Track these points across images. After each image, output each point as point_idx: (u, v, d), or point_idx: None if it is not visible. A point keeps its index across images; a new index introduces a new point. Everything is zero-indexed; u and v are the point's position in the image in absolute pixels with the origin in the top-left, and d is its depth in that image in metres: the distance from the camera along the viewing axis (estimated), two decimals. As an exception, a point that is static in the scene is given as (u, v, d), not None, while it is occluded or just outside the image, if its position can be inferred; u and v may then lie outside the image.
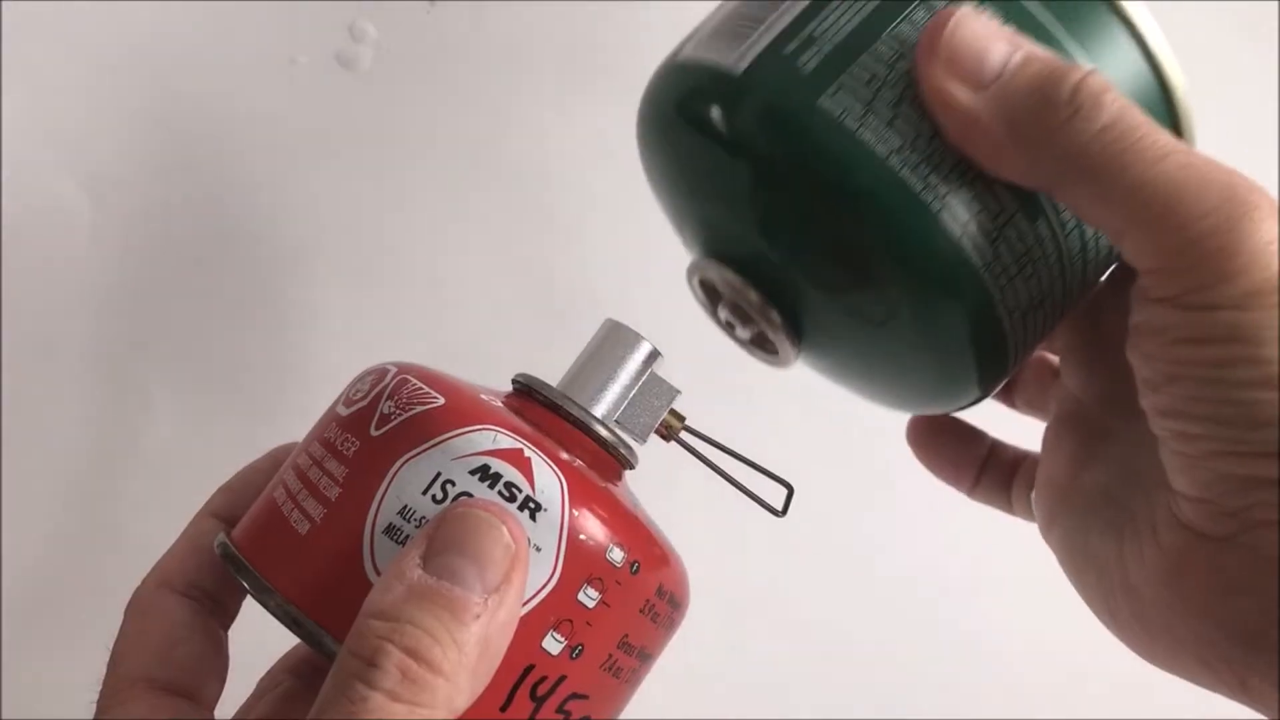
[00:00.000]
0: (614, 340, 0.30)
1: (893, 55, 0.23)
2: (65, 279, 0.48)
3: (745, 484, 0.32)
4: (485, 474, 0.25)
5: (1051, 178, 0.23)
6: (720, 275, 0.27)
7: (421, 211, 0.52)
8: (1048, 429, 0.31)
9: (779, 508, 0.32)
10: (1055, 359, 0.33)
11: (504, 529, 0.24)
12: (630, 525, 0.27)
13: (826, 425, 0.52)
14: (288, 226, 0.50)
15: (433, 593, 0.23)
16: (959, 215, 0.23)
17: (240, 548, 0.27)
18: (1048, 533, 0.30)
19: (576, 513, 0.25)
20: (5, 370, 0.47)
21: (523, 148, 0.52)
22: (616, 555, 0.26)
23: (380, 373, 0.28)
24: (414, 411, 0.26)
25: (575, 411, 0.29)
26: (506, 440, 0.25)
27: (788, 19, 0.24)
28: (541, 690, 0.25)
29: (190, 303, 0.50)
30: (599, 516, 0.26)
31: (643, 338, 0.31)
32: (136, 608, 0.29)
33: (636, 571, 0.26)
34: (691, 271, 0.28)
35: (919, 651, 0.54)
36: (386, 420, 0.26)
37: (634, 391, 0.30)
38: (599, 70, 0.53)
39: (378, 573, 0.24)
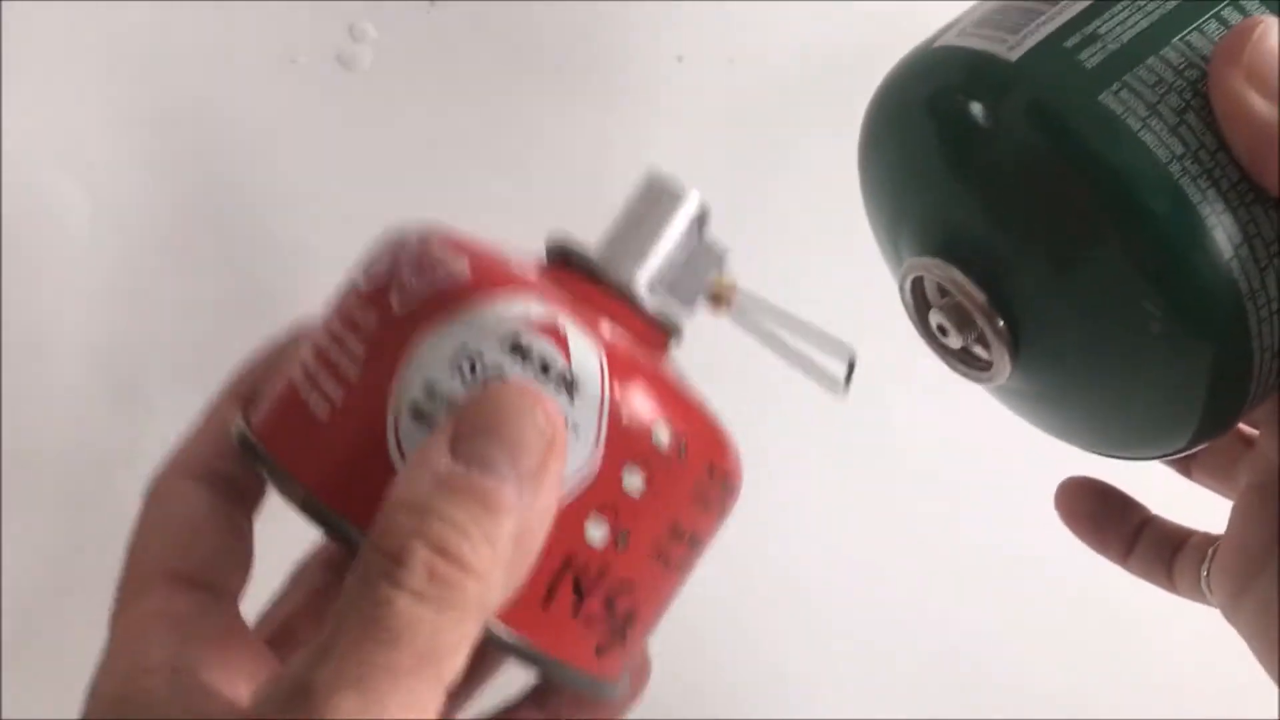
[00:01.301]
0: (656, 196, 0.27)
1: (1181, 62, 0.23)
2: (64, 278, 0.48)
3: (806, 356, 0.29)
4: (516, 347, 0.23)
5: None
6: (946, 274, 0.25)
7: (422, 211, 0.52)
8: (1241, 498, 0.29)
9: (841, 384, 0.29)
10: (1249, 430, 0.31)
11: (539, 411, 0.22)
12: (677, 402, 0.24)
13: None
14: (287, 226, 0.50)
15: (463, 483, 0.21)
16: (1233, 235, 0.22)
17: (258, 434, 0.25)
18: (1235, 607, 0.28)
19: (618, 389, 0.23)
20: (5, 370, 0.47)
21: (523, 148, 0.52)
22: (663, 435, 0.23)
23: (400, 242, 0.26)
24: (437, 280, 0.24)
25: (617, 278, 0.26)
26: (539, 310, 0.23)
27: (1069, 15, 0.24)
28: (585, 582, 0.23)
29: (190, 302, 0.50)
30: (643, 393, 0.23)
31: (689, 191, 0.27)
32: (155, 497, 0.27)
33: (684, 453, 0.24)
34: (908, 271, 0.27)
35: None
36: (408, 290, 0.24)
37: (681, 255, 0.27)
38: (599, 70, 0.53)
39: (403, 457, 0.23)
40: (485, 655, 0.29)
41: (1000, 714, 0.51)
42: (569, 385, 0.23)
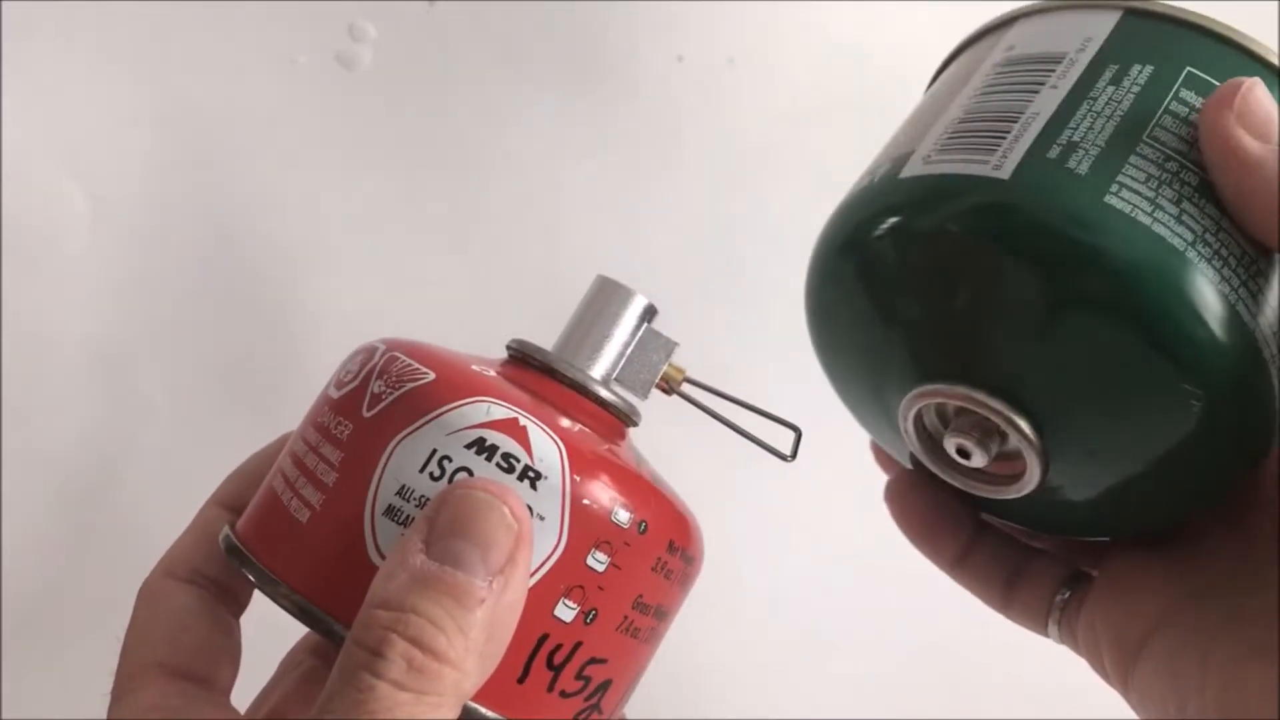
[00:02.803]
0: (606, 297, 0.30)
1: (1159, 157, 0.24)
2: (65, 278, 0.48)
3: (752, 431, 0.31)
4: (481, 447, 0.25)
5: None
6: (960, 393, 0.26)
7: (421, 210, 0.52)
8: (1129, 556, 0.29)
9: (788, 453, 0.31)
10: None
11: (505, 508, 0.23)
12: (635, 485, 0.26)
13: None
14: (287, 226, 0.50)
15: (436, 579, 0.23)
16: (1251, 306, 0.23)
17: (244, 540, 0.27)
18: (1131, 661, 0.27)
19: (578, 478, 0.25)
20: (5, 370, 0.47)
21: (522, 147, 0.52)
22: (623, 516, 0.25)
23: (369, 351, 0.28)
24: (405, 389, 0.26)
25: (572, 374, 0.28)
26: (500, 411, 0.25)
27: (1035, 128, 0.24)
28: (558, 659, 0.25)
29: (190, 302, 0.50)
30: (601, 479, 0.25)
31: (635, 292, 0.30)
32: (144, 596, 0.28)
33: (645, 531, 0.26)
34: (912, 404, 0.27)
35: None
36: (378, 400, 0.26)
37: (631, 348, 0.30)
38: (599, 70, 0.53)
39: (381, 556, 0.24)
40: None
41: (998, 714, 0.51)
42: (532, 477, 0.25)
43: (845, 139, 0.57)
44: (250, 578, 0.26)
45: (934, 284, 0.25)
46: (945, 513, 0.31)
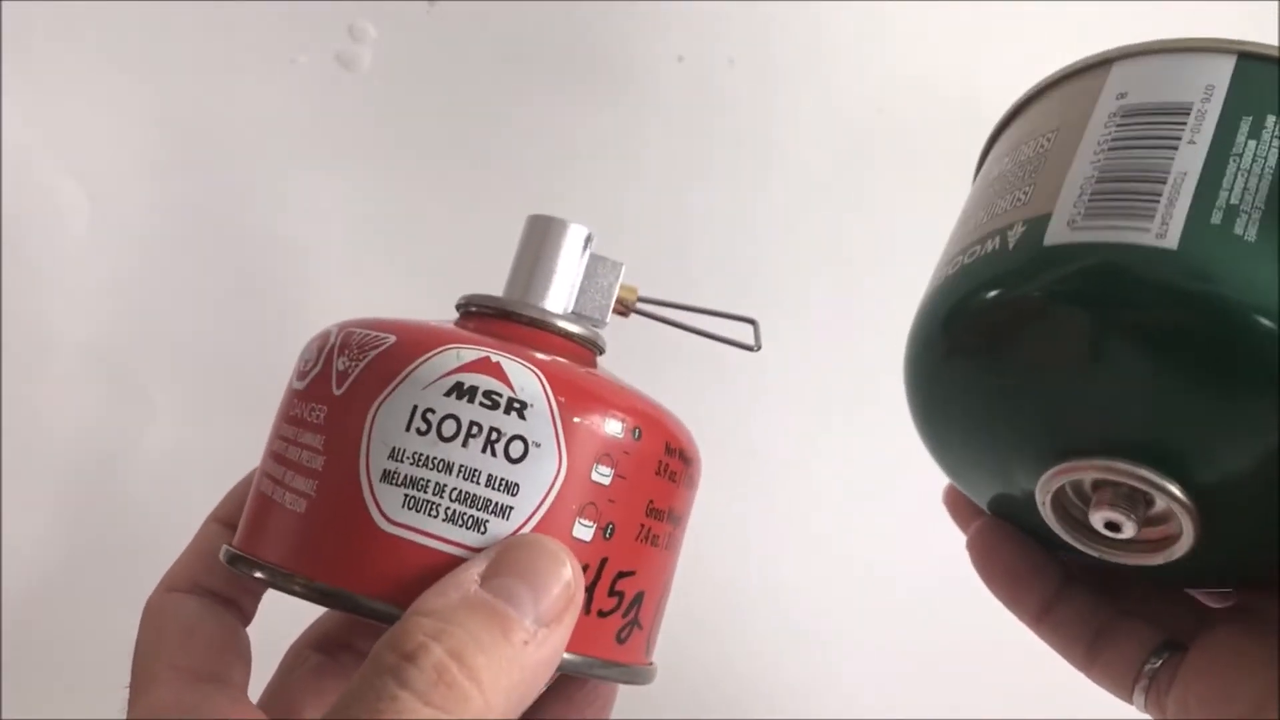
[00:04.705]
0: (543, 234, 0.30)
1: None
2: (65, 279, 0.48)
3: (712, 336, 0.32)
4: (460, 391, 0.25)
5: None
6: (1109, 466, 0.25)
7: (421, 211, 0.52)
8: (1228, 630, 0.28)
9: (752, 344, 0.32)
10: None
11: (567, 565, 0.24)
12: (619, 395, 0.27)
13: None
14: (287, 226, 0.50)
15: (488, 606, 0.22)
16: None
17: (245, 549, 0.27)
18: None
19: (563, 399, 0.25)
20: (5, 370, 0.47)
21: (522, 148, 0.52)
22: (615, 427, 0.26)
23: (323, 336, 0.28)
24: (370, 357, 0.26)
25: (530, 313, 0.29)
26: (470, 353, 0.25)
27: (1189, 189, 0.23)
28: (587, 579, 0.25)
29: (190, 302, 0.50)
30: (587, 396, 0.26)
31: (570, 222, 0.31)
32: (148, 612, 0.28)
33: (640, 436, 0.26)
34: (1056, 479, 0.26)
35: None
36: (345, 375, 0.26)
37: (580, 277, 0.30)
38: (599, 70, 0.53)
39: (387, 519, 0.24)
40: None
41: (998, 714, 0.51)
42: (519, 408, 0.25)
43: (845, 139, 0.57)
44: (261, 577, 0.26)
45: (1093, 358, 0.24)
46: (1031, 564, 0.30)
